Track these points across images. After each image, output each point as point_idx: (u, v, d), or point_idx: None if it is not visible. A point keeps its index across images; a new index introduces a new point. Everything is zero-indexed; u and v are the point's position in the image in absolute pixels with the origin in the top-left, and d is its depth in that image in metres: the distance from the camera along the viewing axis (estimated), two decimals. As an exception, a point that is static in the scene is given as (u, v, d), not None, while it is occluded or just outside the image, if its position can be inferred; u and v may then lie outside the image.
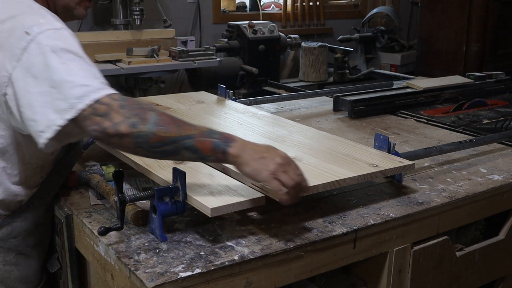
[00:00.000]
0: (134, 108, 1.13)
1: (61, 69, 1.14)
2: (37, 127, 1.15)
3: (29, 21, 1.20)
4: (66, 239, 1.42)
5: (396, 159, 1.51)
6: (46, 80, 1.14)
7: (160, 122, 1.13)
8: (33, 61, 1.15)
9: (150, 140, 1.12)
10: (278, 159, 1.16)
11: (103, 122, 1.11)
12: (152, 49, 3.67)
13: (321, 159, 1.48)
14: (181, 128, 1.14)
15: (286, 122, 1.88)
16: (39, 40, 1.16)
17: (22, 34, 1.17)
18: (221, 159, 1.16)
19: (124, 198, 1.21)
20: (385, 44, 5.31)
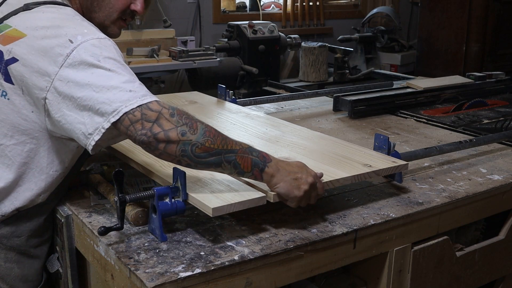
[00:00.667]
0: (183, 117, 1.18)
1: (104, 75, 1.18)
2: (85, 130, 1.19)
3: (73, 31, 1.24)
4: (66, 239, 1.42)
5: (390, 159, 1.51)
6: (90, 85, 1.17)
7: (208, 133, 1.18)
8: (76, 67, 1.19)
9: (197, 150, 1.17)
10: (310, 179, 1.25)
11: (153, 127, 1.15)
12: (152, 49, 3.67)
13: (314, 159, 1.48)
14: (226, 141, 1.20)
15: (279, 122, 1.88)
16: (83, 47, 1.20)
17: (66, 42, 1.21)
18: (258, 177, 1.22)
19: (124, 198, 1.21)
20: (385, 44, 5.31)
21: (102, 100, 1.16)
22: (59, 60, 1.20)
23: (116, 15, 1.41)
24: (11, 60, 1.26)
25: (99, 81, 1.17)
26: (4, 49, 1.28)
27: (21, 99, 1.27)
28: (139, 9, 1.42)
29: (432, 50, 5.19)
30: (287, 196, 1.23)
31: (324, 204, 1.46)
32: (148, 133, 1.15)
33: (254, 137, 1.68)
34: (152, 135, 1.15)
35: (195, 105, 2.05)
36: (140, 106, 1.16)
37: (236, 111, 1.99)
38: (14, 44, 1.27)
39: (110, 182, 1.44)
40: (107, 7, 1.39)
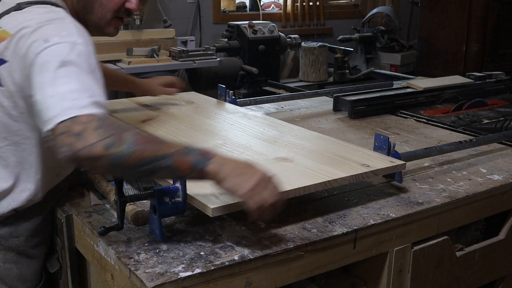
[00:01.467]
0: (110, 128, 1.09)
1: (58, 80, 1.14)
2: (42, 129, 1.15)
3: (52, 31, 1.21)
4: (66, 239, 1.42)
5: (388, 159, 1.51)
6: (43, 88, 1.14)
7: (137, 142, 1.09)
8: (40, 68, 1.16)
9: (127, 161, 1.08)
10: (258, 175, 1.14)
11: (75, 143, 1.07)
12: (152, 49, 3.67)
13: (312, 159, 1.48)
14: (159, 147, 1.11)
15: (277, 122, 1.88)
16: (54, 49, 1.17)
17: (41, 41, 1.19)
18: (200, 176, 1.13)
19: (124, 198, 1.21)
20: (385, 44, 5.31)
21: (46, 106, 1.12)
22: (31, 58, 1.18)
23: (110, 15, 1.39)
24: (0, 62, 1.25)
25: (50, 86, 1.13)
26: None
27: (9, 101, 1.26)
28: (134, 7, 1.41)
29: (432, 50, 5.19)
30: (237, 190, 1.12)
31: (324, 204, 1.46)
32: (70, 150, 1.07)
33: (251, 137, 1.68)
34: (74, 152, 1.07)
35: (192, 105, 2.05)
36: (73, 118, 1.09)
37: (233, 111, 1.99)
38: (1, 45, 1.25)
39: (110, 182, 1.44)
40: (99, 8, 1.37)
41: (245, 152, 1.53)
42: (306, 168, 1.41)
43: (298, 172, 1.38)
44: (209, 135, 1.69)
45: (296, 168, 1.42)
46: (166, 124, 1.79)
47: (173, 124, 1.78)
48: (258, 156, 1.50)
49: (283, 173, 1.36)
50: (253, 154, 1.52)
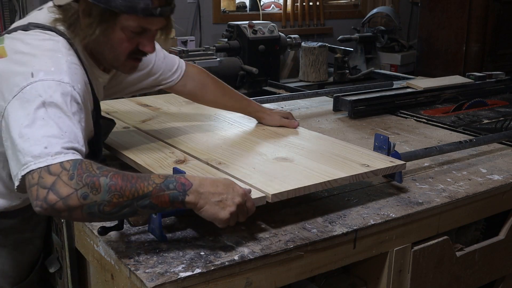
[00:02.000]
0: (84, 176, 1.06)
1: (36, 122, 1.11)
2: (12, 170, 1.12)
3: (41, 65, 1.18)
4: (66, 239, 1.42)
5: (387, 158, 1.51)
6: (19, 127, 1.11)
7: (113, 187, 1.07)
8: (21, 104, 1.13)
9: (105, 209, 1.07)
10: (236, 199, 1.16)
11: (48, 196, 1.04)
12: (152, 49, 3.66)
13: (312, 159, 1.48)
14: (136, 187, 1.09)
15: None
16: (38, 86, 1.14)
17: (28, 74, 1.16)
18: (181, 207, 1.15)
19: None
20: (385, 44, 5.31)
21: (20, 148, 1.09)
22: (14, 90, 1.15)
23: (124, 58, 1.33)
24: None
25: (27, 127, 1.10)
26: None
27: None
28: (150, 50, 1.34)
29: (432, 50, 5.19)
30: (214, 219, 1.15)
31: (324, 204, 1.46)
32: (44, 204, 1.04)
33: (251, 137, 1.68)
34: (48, 206, 1.04)
35: (192, 105, 2.05)
36: (44, 167, 1.06)
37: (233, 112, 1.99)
38: None
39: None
40: (111, 51, 1.32)
41: (245, 152, 1.53)
42: (306, 168, 1.41)
43: (298, 172, 1.38)
44: (209, 135, 1.69)
45: (296, 168, 1.42)
46: (166, 124, 1.79)
47: (173, 124, 1.78)
48: (258, 156, 1.50)
49: (283, 173, 1.37)
50: (254, 154, 1.52)
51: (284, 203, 1.39)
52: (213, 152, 1.53)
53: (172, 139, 1.64)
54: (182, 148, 1.56)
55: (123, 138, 1.65)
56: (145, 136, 1.67)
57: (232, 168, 1.40)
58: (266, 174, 1.36)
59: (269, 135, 1.71)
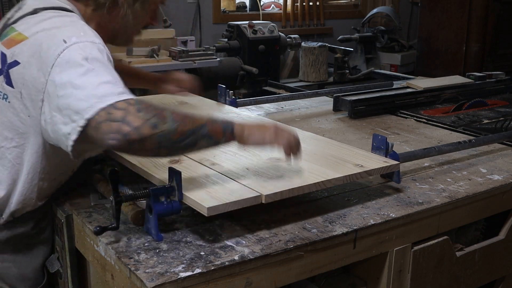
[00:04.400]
0: (150, 109, 1.14)
1: (87, 74, 1.16)
2: (65, 130, 1.16)
3: (69, 33, 1.23)
4: (66, 239, 1.42)
5: (382, 159, 1.51)
6: (71, 83, 1.15)
7: (176, 117, 1.16)
8: (63, 66, 1.18)
9: (173, 137, 1.15)
10: (272, 126, 1.31)
11: (121, 127, 1.10)
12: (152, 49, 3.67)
13: (306, 160, 1.48)
14: (194, 119, 1.19)
15: (270, 122, 1.88)
16: (74, 48, 1.19)
17: (60, 42, 1.20)
18: (231, 138, 1.24)
19: (119, 198, 1.21)
20: (385, 44, 5.31)
21: (79, 97, 1.13)
22: (51, 60, 1.19)
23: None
24: (13, 63, 1.26)
25: (80, 79, 1.15)
26: (8, 52, 1.29)
27: (19, 103, 1.26)
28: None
29: (432, 50, 5.19)
30: (262, 140, 1.27)
31: (324, 204, 1.46)
32: (118, 136, 1.10)
33: None
34: (123, 137, 1.10)
35: (185, 105, 2.04)
36: (111, 104, 1.12)
37: (227, 112, 1.99)
38: (16, 47, 1.27)
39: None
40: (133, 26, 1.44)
41: (239, 153, 1.53)
42: (300, 168, 1.41)
43: (291, 173, 1.38)
44: None
45: (290, 168, 1.41)
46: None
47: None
48: (252, 157, 1.50)
49: (277, 174, 1.37)
50: (247, 155, 1.52)
51: (284, 203, 1.39)
52: (206, 153, 1.52)
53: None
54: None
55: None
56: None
57: (226, 168, 1.40)
58: (260, 175, 1.36)
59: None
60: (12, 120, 1.28)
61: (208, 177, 1.35)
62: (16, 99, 1.26)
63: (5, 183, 1.32)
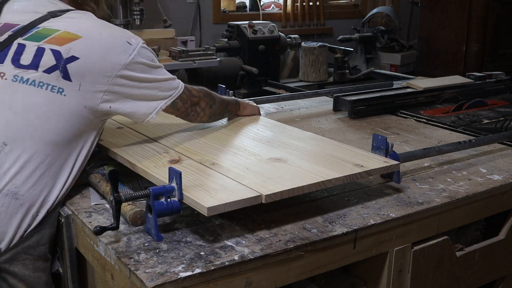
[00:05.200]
0: (208, 96, 1.67)
1: (159, 71, 1.48)
2: (146, 111, 1.45)
3: (122, 33, 1.45)
4: (66, 239, 1.42)
5: (381, 159, 1.51)
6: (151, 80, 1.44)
7: (218, 99, 1.73)
8: (138, 66, 1.41)
9: (216, 113, 1.73)
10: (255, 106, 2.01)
11: (196, 108, 1.63)
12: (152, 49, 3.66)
13: (306, 160, 1.48)
14: (224, 100, 1.78)
15: (270, 122, 1.88)
16: (140, 50, 1.43)
17: (125, 44, 1.41)
18: (238, 111, 1.88)
19: (119, 198, 1.21)
20: (385, 44, 5.31)
21: (162, 89, 1.48)
22: (124, 58, 1.38)
23: None
24: (71, 59, 1.34)
25: (159, 76, 1.47)
26: (62, 49, 1.35)
27: (77, 95, 1.34)
28: None
29: (432, 50, 5.19)
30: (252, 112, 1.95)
31: (324, 204, 1.46)
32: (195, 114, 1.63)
33: (245, 137, 1.68)
34: (196, 114, 1.64)
35: None
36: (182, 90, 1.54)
37: None
38: (72, 44, 1.36)
39: (110, 182, 1.44)
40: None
41: (239, 153, 1.53)
42: (300, 168, 1.41)
43: (291, 173, 1.38)
44: (203, 136, 1.69)
45: (289, 168, 1.41)
46: (160, 124, 1.79)
47: (167, 124, 1.78)
48: (252, 157, 1.50)
49: (277, 174, 1.36)
50: (247, 155, 1.52)
51: (284, 203, 1.39)
52: (206, 153, 1.53)
53: (166, 139, 1.64)
54: (176, 148, 1.56)
55: (118, 138, 1.65)
56: (139, 136, 1.67)
57: (226, 168, 1.40)
58: (259, 175, 1.36)
59: (263, 135, 1.71)
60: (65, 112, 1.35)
61: (208, 177, 1.35)
62: (73, 92, 1.35)
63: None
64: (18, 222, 1.31)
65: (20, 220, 1.31)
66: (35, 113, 1.33)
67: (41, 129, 1.33)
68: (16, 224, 1.31)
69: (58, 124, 1.34)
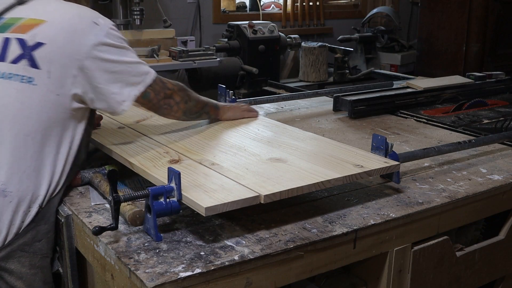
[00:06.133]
0: (183, 89, 1.59)
1: (129, 54, 1.40)
2: (119, 98, 1.38)
3: (90, 14, 1.38)
4: (66, 239, 1.42)
5: (382, 159, 1.51)
6: (124, 62, 1.37)
7: (194, 97, 1.64)
8: (107, 48, 1.34)
9: (192, 111, 1.65)
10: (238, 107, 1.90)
11: (169, 101, 1.53)
12: (152, 49, 3.67)
13: (306, 160, 1.48)
14: (202, 100, 1.69)
15: (270, 122, 1.88)
16: (108, 31, 1.36)
17: (92, 24, 1.35)
18: (217, 114, 1.79)
19: (118, 198, 1.21)
20: (385, 44, 5.31)
21: (133, 74, 1.39)
22: (90, 39, 1.32)
23: None
24: (37, 45, 1.31)
25: (128, 58, 1.39)
26: (27, 37, 1.32)
27: (47, 83, 1.31)
28: None
29: (432, 50, 5.19)
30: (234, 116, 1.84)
31: (324, 204, 1.46)
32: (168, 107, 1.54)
33: (245, 137, 1.68)
34: (169, 107, 1.54)
35: None
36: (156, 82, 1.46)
37: None
38: (36, 30, 1.32)
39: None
40: None
41: (239, 153, 1.53)
42: (300, 169, 1.41)
43: (291, 173, 1.38)
44: (203, 136, 1.69)
45: (289, 168, 1.41)
46: (160, 125, 1.79)
47: (167, 125, 1.78)
48: (252, 157, 1.50)
49: (276, 174, 1.36)
50: (247, 155, 1.52)
51: (284, 203, 1.39)
52: (206, 153, 1.53)
53: (166, 139, 1.64)
54: (176, 148, 1.56)
55: (118, 138, 1.65)
56: (139, 136, 1.67)
57: (225, 168, 1.40)
58: (259, 175, 1.36)
59: (263, 135, 1.71)
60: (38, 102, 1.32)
61: (207, 177, 1.35)
62: (43, 79, 1.32)
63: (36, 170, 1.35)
64: (9, 219, 1.31)
65: (12, 217, 1.31)
66: (9, 106, 1.31)
67: (17, 122, 1.31)
68: (8, 221, 1.31)
69: (32, 115, 1.32)
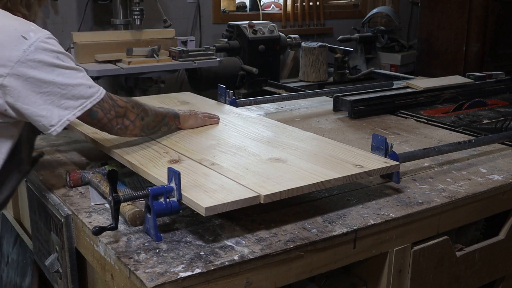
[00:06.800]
0: (138, 104, 1.49)
1: (66, 73, 1.28)
2: (47, 122, 1.28)
3: (21, 27, 1.27)
4: (66, 239, 1.42)
5: (382, 159, 1.51)
6: (54, 83, 1.26)
7: (151, 111, 1.55)
8: (37, 65, 1.24)
9: (150, 126, 1.56)
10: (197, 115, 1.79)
11: (124, 121, 1.44)
12: (152, 49, 3.67)
13: (306, 160, 1.48)
14: (161, 112, 1.62)
15: (271, 122, 1.88)
16: (39, 46, 1.25)
17: (20, 38, 1.24)
18: (178, 123, 1.71)
19: (118, 198, 1.21)
20: (385, 44, 5.31)
21: (67, 96, 1.28)
22: (16, 55, 1.22)
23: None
24: None
25: (62, 79, 1.27)
26: None
27: None
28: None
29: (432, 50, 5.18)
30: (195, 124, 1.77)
31: (324, 204, 1.46)
32: (122, 127, 1.44)
33: (245, 137, 1.68)
34: (124, 127, 1.45)
35: (186, 105, 2.04)
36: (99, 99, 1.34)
37: (228, 112, 1.99)
38: None
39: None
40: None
41: (239, 153, 1.53)
42: (300, 168, 1.41)
43: (291, 173, 1.38)
44: (203, 136, 1.69)
45: (289, 168, 1.41)
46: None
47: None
48: (252, 157, 1.50)
49: (276, 174, 1.36)
50: (247, 155, 1.52)
51: (284, 203, 1.39)
52: (206, 153, 1.53)
53: (166, 139, 1.64)
54: (176, 148, 1.56)
55: (118, 138, 1.65)
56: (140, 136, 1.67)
57: (225, 168, 1.40)
58: (259, 175, 1.36)
59: (263, 135, 1.71)
60: None
61: (207, 177, 1.35)
62: None
63: None
64: None
65: None
66: None
67: None
68: None
69: None
